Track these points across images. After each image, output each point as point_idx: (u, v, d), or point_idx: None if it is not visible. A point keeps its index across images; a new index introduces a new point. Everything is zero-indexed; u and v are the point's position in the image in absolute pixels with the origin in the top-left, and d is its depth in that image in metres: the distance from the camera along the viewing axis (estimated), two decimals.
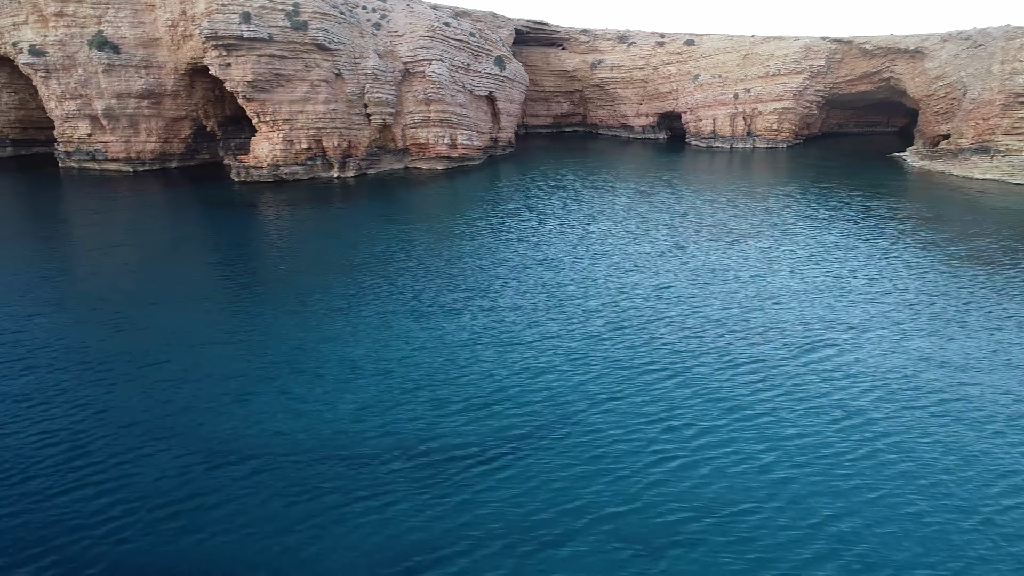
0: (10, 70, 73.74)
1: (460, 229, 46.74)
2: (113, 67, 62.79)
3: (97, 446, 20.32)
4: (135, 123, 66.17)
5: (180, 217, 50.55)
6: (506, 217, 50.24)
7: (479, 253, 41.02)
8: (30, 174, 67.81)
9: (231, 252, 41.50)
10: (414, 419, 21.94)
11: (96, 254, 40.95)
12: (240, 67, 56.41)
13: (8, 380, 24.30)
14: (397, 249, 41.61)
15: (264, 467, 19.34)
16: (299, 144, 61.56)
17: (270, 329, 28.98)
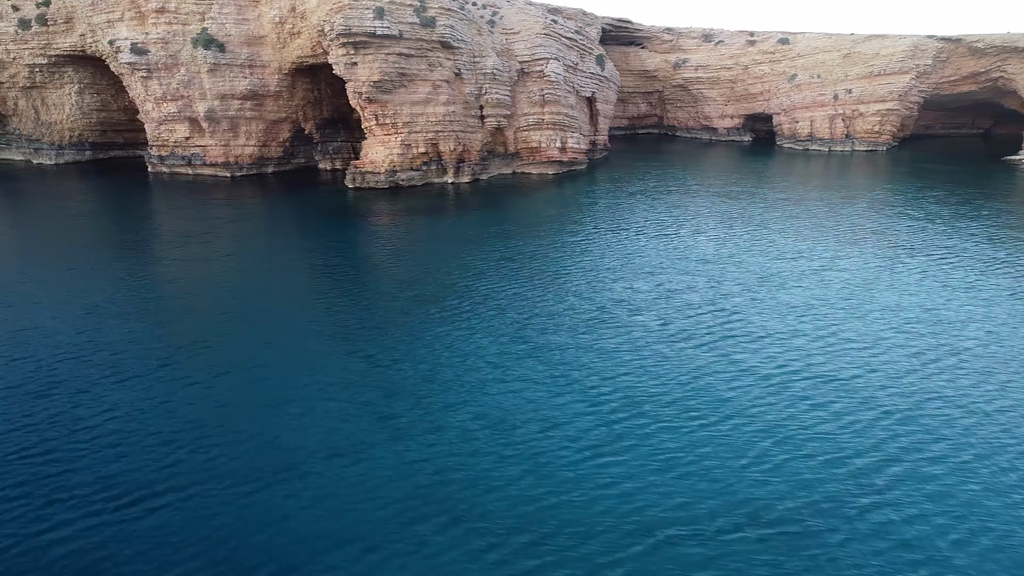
0: (93, 70, 70.23)
1: (594, 242, 42.90)
2: (218, 67, 59.20)
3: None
4: (235, 126, 62.58)
5: (299, 228, 46.84)
6: (637, 228, 46.43)
7: (625, 271, 37.31)
8: (119, 180, 64.32)
9: (363, 268, 37.82)
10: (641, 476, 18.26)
11: (216, 267, 37.50)
12: (367, 66, 52.80)
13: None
14: (534, 270, 37.85)
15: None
16: (417, 148, 57.96)
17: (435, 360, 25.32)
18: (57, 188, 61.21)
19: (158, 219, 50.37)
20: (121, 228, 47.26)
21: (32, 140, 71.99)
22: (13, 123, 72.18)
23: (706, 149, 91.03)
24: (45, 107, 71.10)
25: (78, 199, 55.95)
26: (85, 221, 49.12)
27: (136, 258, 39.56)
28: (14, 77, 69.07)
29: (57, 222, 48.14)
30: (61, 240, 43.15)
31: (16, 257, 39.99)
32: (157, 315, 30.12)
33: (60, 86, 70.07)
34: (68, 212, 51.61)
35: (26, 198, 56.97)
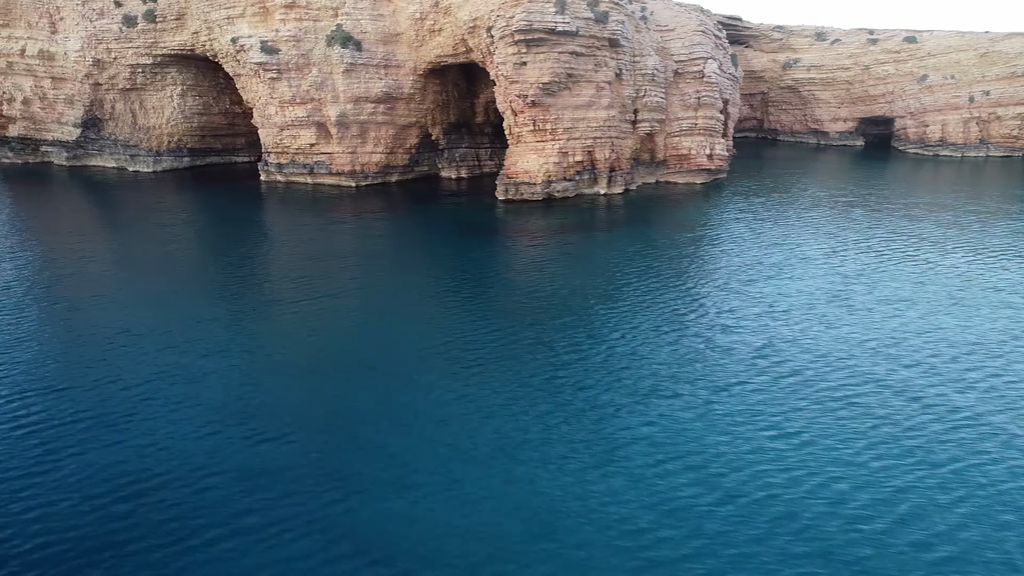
0: (196, 70, 65.30)
1: (788, 271, 37.68)
2: (354, 67, 54.11)
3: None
4: (364, 132, 57.47)
5: (452, 250, 41.52)
6: (820, 252, 41.15)
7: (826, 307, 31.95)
8: (230, 189, 59.39)
9: (545, 307, 32.39)
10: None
11: (359, 302, 32.03)
12: (537, 66, 47.60)
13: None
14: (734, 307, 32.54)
15: None
16: (573, 157, 52.72)
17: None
18: (163, 199, 56.22)
19: (287, 236, 45.16)
20: (250, 249, 42.25)
21: (128, 146, 67.07)
22: (108, 128, 67.28)
23: (821, 155, 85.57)
24: (143, 111, 66.19)
25: (191, 213, 50.83)
26: (210, 239, 44.18)
27: (272, 289, 34.36)
28: (113, 79, 64.18)
29: (174, 239, 43.22)
30: (186, 263, 38.29)
31: (133, 280, 34.92)
32: (293, 368, 24.83)
33: (161, 88, 65.16)
34: (185, 228, 46.59)
35: (132, 210, 51.97)
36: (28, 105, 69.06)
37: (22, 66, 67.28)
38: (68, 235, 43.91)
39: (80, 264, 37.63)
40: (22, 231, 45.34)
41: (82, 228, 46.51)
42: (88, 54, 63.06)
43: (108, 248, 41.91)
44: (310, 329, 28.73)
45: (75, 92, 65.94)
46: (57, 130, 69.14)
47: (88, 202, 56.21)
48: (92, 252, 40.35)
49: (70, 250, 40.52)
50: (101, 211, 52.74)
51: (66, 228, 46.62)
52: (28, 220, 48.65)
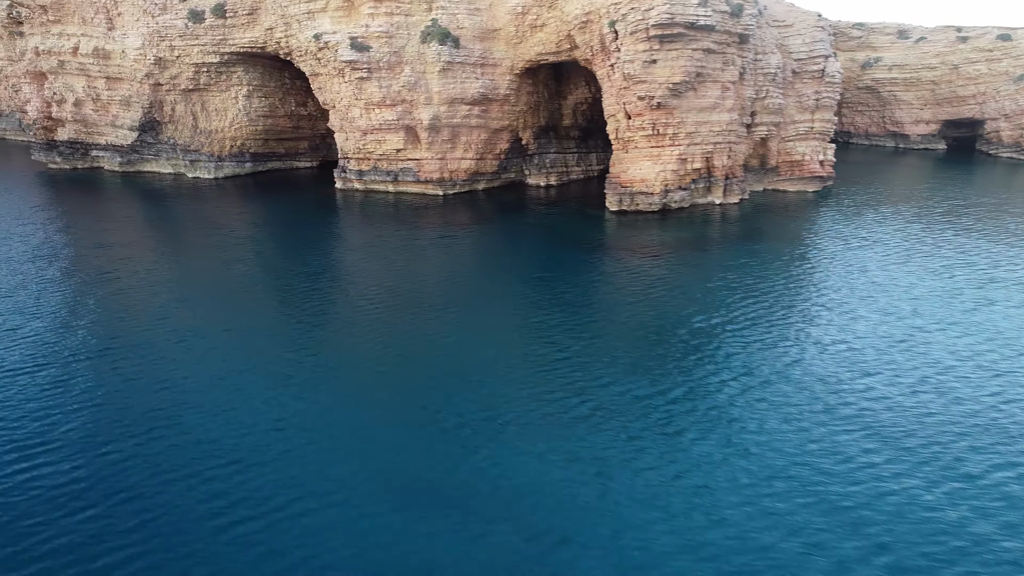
0: (262, 70, 60.84)
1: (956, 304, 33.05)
2: (451, 66, 49.60)
3: None
4: (456, 136, 52.95)
5: (570, 274, 37.01)
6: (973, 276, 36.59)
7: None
8: (304, 198, 55.03)
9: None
10: None
11: (475, 342, 27.34)
12: (669, 64, 43.05)
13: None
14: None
15: None
16: (692, 164, 48.17)
17: None
18: (231, 209, 51.85)
19: (372, 250, 40.70)
20: (334, 266, 37.74)
21: (188, 150, 62.59)
22: (168, 131, 62.82)
23: (905, 158, 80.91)
24: (205, 113, 61.72)
25: (266, 225, 46.42)
26: (291, 254, 39.71)
27: (357, 311, 29.85)
28: (175, 78, 59.71)
29: (251, 254, 39.00)
30: (267, 281, 33.88)
31: (208, 303, 30.50)
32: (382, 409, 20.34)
33: (226, 88, 60.68)
34: (262, 242, 42.40)
35: (199, 221, 47.38)
36: (80, 107, 64.65)
37: (74, 65, 62.88)
38: (129, 250, 39.62)
39: (147, 287, 33.11)
40: (77, 246, 41.05)
41: (145, 243, 42.20)
42: (149, 52, 58.61)
43: (178, 266, 37.50)
44: (400, 361, 24.32)
45: (132, 93, 61.49)
46: (111, 134, 64.71)
47: (149, 213, 51.73)
48: (160, 272, 36.05)
49: (134, 270, 36.12)
50: (165, 223, 48.27)
51: (126, 241, 42.44)
52: (83, 233, 44.35)
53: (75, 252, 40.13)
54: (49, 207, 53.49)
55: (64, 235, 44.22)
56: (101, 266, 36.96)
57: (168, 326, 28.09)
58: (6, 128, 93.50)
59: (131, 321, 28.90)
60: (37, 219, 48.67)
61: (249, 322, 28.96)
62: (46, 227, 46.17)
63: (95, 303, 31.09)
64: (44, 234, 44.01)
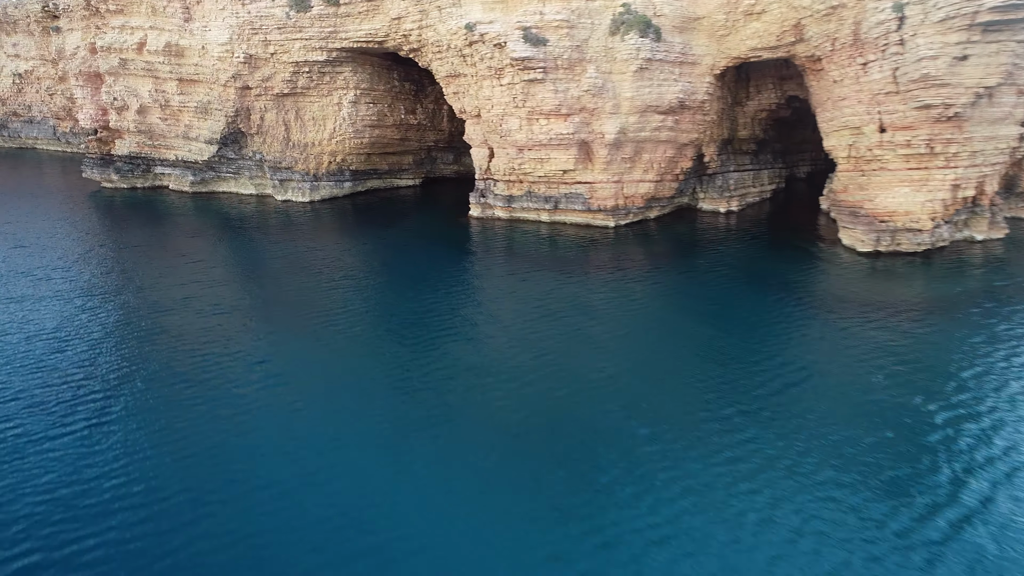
0: (372, 70, 50.01)
1: None
2: (650, 64, 38.64)
3: None
4: (638, 153, 41.99)
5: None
6: None
7: None
8: (436, 230, 44.06)
9: None
10: None
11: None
12: (984, 61, 32.02)
13: None
14: None
15: None
16: (964, 190, 37.17)
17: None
18: (342, 242, 40.83)
19: (545, 306, 29.64)
20: (506, 333, 26.54)
21: (278, 168, 51.58)
22: (254, 145, 51.81)
23: None
24: (300, 123, 50.74)
25: (400, 273, 35.18)
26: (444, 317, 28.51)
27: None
28: (268, 80, 48.73)
29: (388, 324, 27.51)
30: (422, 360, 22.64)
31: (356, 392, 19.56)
32: None
33: (328, 92, 49.70)
34: (395, 298, 31.17)
35: (306, 263, 36.43)
36: (144, 115, 53.68)
37: (139, 65, 51.93)
38: (218, 302, 28.44)
39: (242, 355, 22.09)
40: (157, 293, 30.18)
41: (238, 294, 31.03)
42: (237, 48, 47.63)
43: (290, 332, 26.44)
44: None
45: (212, 98, 50.50)
46: (182, 147, 53.74)
47: (237, 248, 40.57)
48: (261, 337, 25.03)
49: (223, 334, 25.09)
50: (259, 266, 37.18)
51: (213, 286, 31.55)
52: (161, 276, 33.42)
53: (155, 300, 29.34)
54: (112, 237, 42.71)
55: (138, 277, 33.57)
56: (184, 326, 26.28)
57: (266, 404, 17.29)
58: (38, 137, 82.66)
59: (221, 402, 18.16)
60: (101, 255, 37.82)
61: (377, 403, 18.23)
62: (113, 267, 35.49)
63: (179, 366, 20.40)
64: (112, 277, 33.34)
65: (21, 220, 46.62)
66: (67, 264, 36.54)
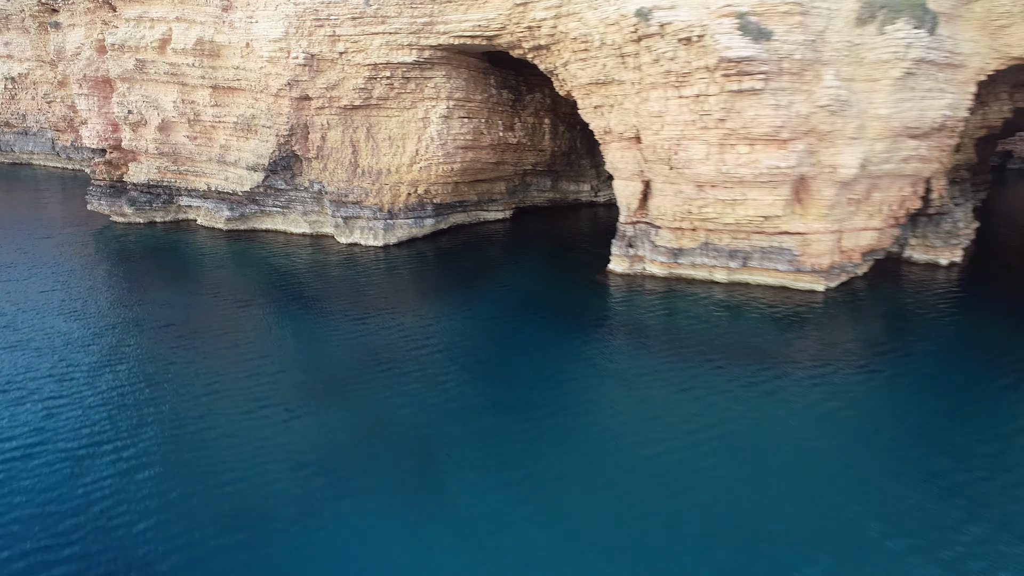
0: (467, 75, 38.33)
1: None
2: (919, 67, 26.62)
3: None
4: (868, 192, 29.93)
5: None
6: None
7: None
8: (582, 293, 31.81)
9: None
10: None
11: None
12: None
13: None
14: None
15: None
16: None
17: None
18: (440, 317, 28.55)
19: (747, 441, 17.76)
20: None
21: (343, 202, 39.51)
22: (311, 172, 39.76)
23: None
24: (372, 143, 38.73)
25: (537, 377, 23.29)
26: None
27: None
28: (334, 88, 36.74)
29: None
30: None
31: None
32: None
33: (411, 104, 37.72)
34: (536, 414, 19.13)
35: (399, 358, 24.27)
36: (167, 132, 41.71)
37: (161, 67, 39.98)
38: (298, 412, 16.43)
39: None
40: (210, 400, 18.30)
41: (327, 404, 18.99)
42: (295, 46, 35.64)
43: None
44: None
45: (259, 111, 38.54)
46: (216, 174, 41.75)
47: (320, 333, 28.44)
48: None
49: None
50: (352, 359, 25.17)
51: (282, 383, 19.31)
52: (221, 398, 21.53)
53: (208, 448, 17.46)
54: (130, 306, 30.70)
55: (172, 395, 21.60)
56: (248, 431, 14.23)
57: None
58: (33, 151, 70.65)
59: None
60: (114, 347, 25.77)
61: None
62: (135, 372, 23.58)
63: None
64: (135, 398, 21.30)
65: (5, 277, 34.58)
66: (68, 366, 24.51)
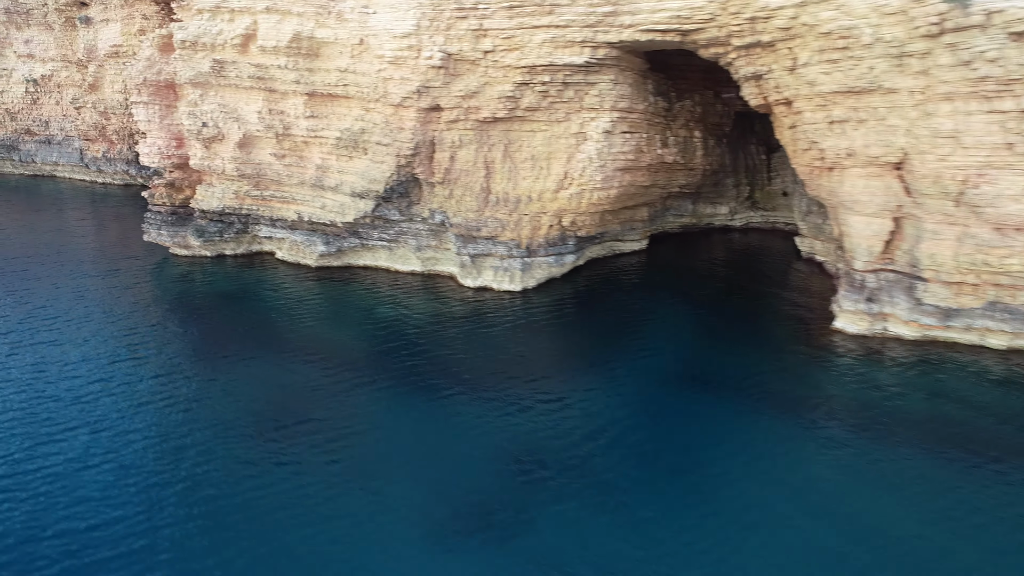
0: (632, 81, 30.80)
1: None
2: None
3: None
4: None
5: None
6: None
7: None
8: (789, 369, 24.34)
9: None
10: None
11: None
12: None
13: None
14: None
15: None
16: None
17: None
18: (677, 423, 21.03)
19: None
20: None
21: (472, 237, 31.87)
22: (434, 199, 32.10)
23: None
24: (510, 164, 31.15)
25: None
26: None
27: None
28: (471, 97, 29.21)
29: None
30: None
31: None
32: None
33: (564, 117, 30.14)
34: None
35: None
36: (249, 148, 34.04)
37: (245, 70, 32.37)
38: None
39: None
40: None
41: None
42: (430, 43, 28.05)
43: None
44: None
45: (370, 125, 30.94)
46: (310, 200, 34.08)
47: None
48: None
49: None
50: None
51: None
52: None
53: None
54: (213, 374, 23.26)
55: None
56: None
57: None
58: (58, 163, 62.83)
59: None
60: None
61: None
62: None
63: None
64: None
65: (58, 335, 26.93)
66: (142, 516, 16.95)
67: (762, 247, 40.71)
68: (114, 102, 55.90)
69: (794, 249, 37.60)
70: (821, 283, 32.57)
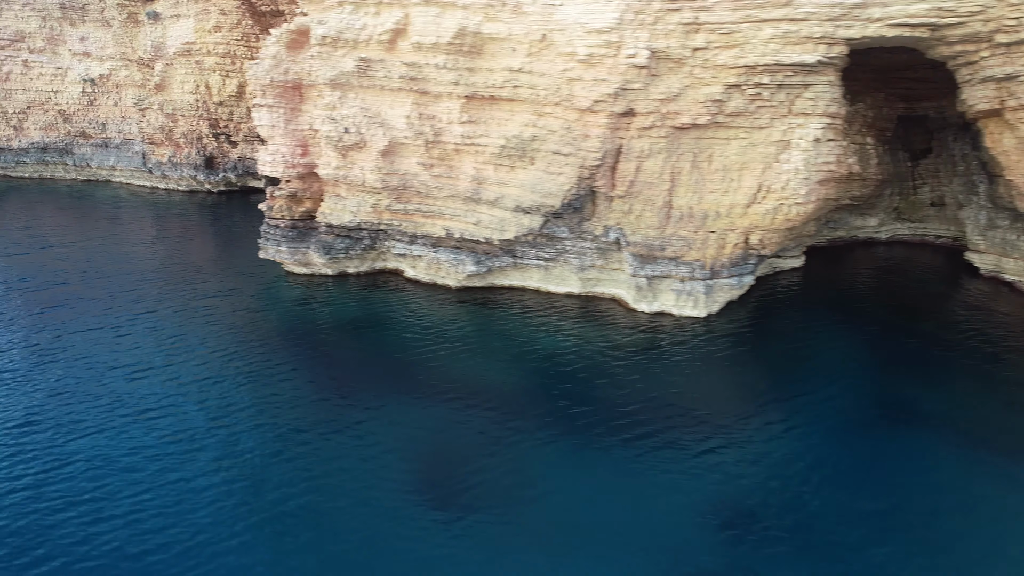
0: (840, 85, 27.11)
1: None
2: None
3: None
4: None
5: None
6: None
7: None
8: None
9: None
10: None
11: None
12: None
13: None
14: None
15: None
16: None
17: None
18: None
19: None
20: None
21: (651, 257, 28.45)
22: (610, 215, 28.63)
23: None
24: (697, 175, 27.91)
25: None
26: None
27: None
28: (671, 101, 25.95)
29: None
30: None
31: None
32: None
33: (768, 123, 26.72)
34: None
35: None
36: (392, 158, 30.50)
37: (394, 70, 28.93)
38: None
39: None
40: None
41: None
42: (632, 39, 24.60)
43: None
44: None
45: (544, 131, 27.44)
46: (463, 215, 30.60)
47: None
48: None
49: None
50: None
51: None
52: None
53: None
54: (360, 444, 20.22)
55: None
56: None
57: None
58: (115, 166, 59.03)
59: None
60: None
61: None
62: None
63: None
64: None
65: (179, 370, 23.41)
66: None
67: (920, 262, 37.61)
68: (183, 103, 52.20)
69: (964, 265, 34.55)
70: (1015, 304, 29.69)
